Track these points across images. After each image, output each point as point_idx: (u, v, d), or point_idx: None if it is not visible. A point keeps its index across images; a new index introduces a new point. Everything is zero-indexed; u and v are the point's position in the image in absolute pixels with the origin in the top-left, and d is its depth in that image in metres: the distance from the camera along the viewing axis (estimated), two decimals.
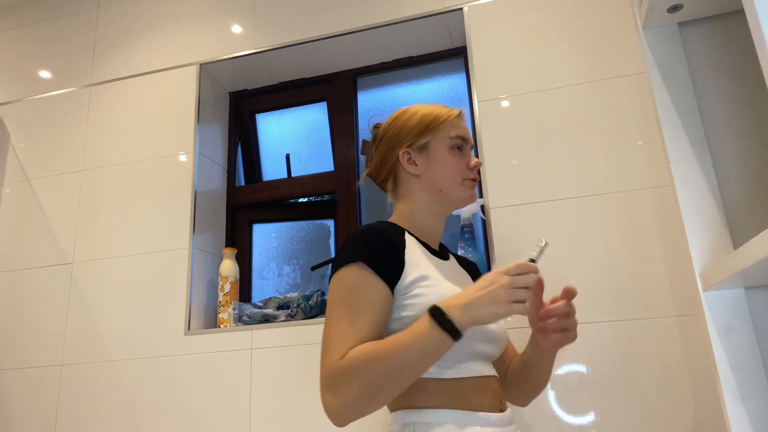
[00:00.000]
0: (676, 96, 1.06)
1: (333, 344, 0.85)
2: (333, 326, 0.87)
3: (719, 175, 1.02)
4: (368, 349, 0.83)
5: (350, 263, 0.90)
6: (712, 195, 1.00)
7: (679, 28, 1.11)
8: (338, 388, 0.82)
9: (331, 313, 0.89)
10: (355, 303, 0.88)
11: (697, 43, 1.09)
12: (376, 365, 0.81)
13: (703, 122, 1.04)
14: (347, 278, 0.90)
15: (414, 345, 0.81)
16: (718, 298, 0.95)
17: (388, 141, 1.07)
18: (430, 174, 1.04)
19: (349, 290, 0.89)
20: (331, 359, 0.84)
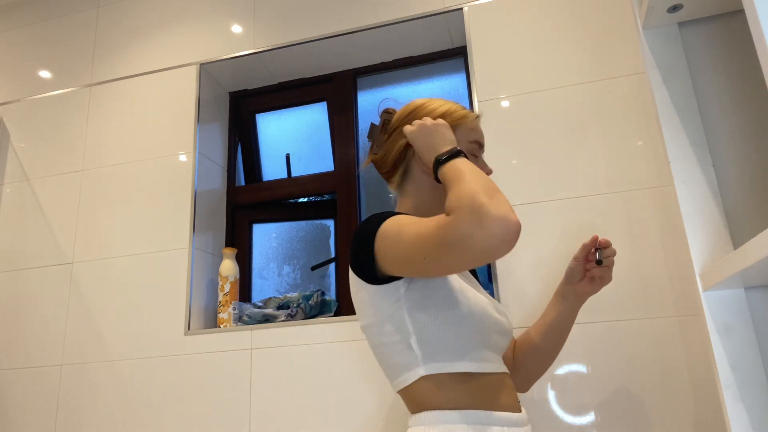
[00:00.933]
0: (676, 96, 1.06)
1: (428, 226, 0.80)
2: (415, 233, 0.82)
3: (719, 175, 1.02)
4: (454, 193, 0.81)
5: (380, 225, 0.87)
6: (712, 195, 1.00)
7: (679, 28, 1.10)
8: (481, 211, 0.74)
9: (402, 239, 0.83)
10: (412, 220, 0.85)
11: (697, 43, 1.09)
12: (472, 183, 0.80)
13: (703, 122, 1.04)
14: (389, 225, 0.87)
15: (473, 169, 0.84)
16: (718, 298, 0.95)
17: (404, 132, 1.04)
18: None
19: (402, 222, 0.86)
20: (441, 220, 0.78)
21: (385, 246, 0.86)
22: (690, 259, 0.99)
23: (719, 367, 0.90)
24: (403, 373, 0.91)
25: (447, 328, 0.89)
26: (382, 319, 0.92)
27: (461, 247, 0.75)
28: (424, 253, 0.80)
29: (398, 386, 0.93)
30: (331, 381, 1.54)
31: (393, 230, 0.86)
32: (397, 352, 0.91)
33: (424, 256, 0.80)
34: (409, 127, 0.98)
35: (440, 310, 0.89)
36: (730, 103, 1.04)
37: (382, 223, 0.88)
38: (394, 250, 0.85)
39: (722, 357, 0.91)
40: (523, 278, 1.46)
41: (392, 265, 0.87)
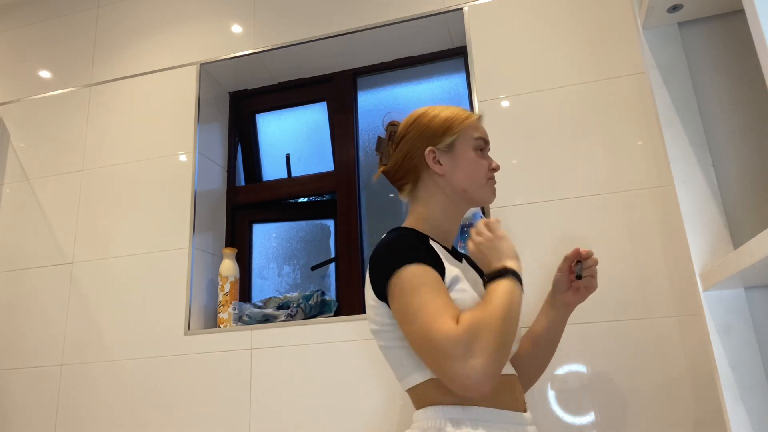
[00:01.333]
0: (676, 96, 1.06)
1: (438, 319, 0.84)
2: (425, 309, 0.86)
3: (719, 175, 1.02)
4: (475, 311, 0.85)
5: (405, 264, 0.91)
6: (712, 195, 1.00)
7: (679, 28, 1.10)
8: (475, 347, 0.81)
9: (413, 305, 0.88)
10: (432, 288, 0.89)
11: (697, 43, 1.09)
12: (494, 317, 0.84)
13: (703, 122, 1.04)
14: (412, 273, 0.90)
15: (513, 299, 0.88)
16: (718, 298, 0.95)
17: (411, 140, 1.06)
18: (455, 174, 1.04)
19: (421, 281, 0.89)
20: (447, 328, 0.83)
21: (396, 292, 0.91)
22: (690, 259, 0.99)
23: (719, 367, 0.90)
24: (411, 373, 0.94)
25: None
26: (390, 325, 0.95)
27: (439, 360, 0.83)
28: (413, 334, 0.87)
29: (406, 385, 0.96)
30: (331, 381, 1.54)
31: (409, 285, 0.89)
32: (406, 355, 0.94)
33: (411, 333, 0.88)
34: (471, 244, 1.00)
35: None
36: (730, 103, 1.04)
37: (406, 264, 0.91)
38: (400, 304, 0.90)
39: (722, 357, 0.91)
40: (523, 278, 1.45)
41: (394, 309, 0.92)
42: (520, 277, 0.92)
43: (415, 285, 0.89)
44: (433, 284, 0.89)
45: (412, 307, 0.88)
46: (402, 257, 0.92)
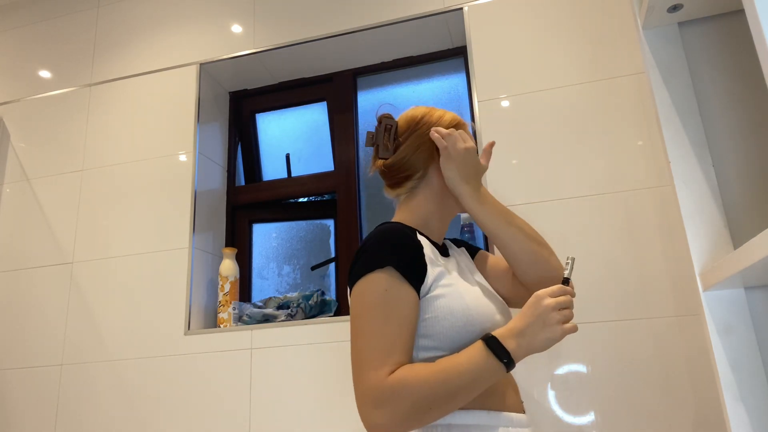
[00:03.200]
0: (676, 96, 1.06)
1: (374, 358, 0.82)
2: (368, 338, 0.83)
3: (719, 175, 1.02)
4: (420, 370, 0.81)
5: (377, 269, 0.87)
6: (712, 195, 1.00)
7: (679, 28, 1.10)
8: (389, 406, 0.79)
9: (362, 322, 0.85)
10: (389, 313, 0.84)
11: (697, 43, 1.09)
12: (430, 388, 0.80)
13: (703, 122, 1.04)
14: (376, 285, 0.86)
15: (468, 372, 0.81)
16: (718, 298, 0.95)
17: (424, 135, 1.04)
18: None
19: (381, 299, 0.85)
20: (377, 374, 0.80)
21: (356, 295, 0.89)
22: (690, 259, 0.99)
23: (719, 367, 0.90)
24: None
25: (441, 330, 0.88)
26: None
27: (358, 400, 0.82)
28: (353, 353, 0.85)
29: None
30: (331, 381, 1.54)
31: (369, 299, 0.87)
32: None
33: (352, 350, 0.86)
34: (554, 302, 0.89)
35: (441, 318, 0.88)
36: (730, 103, 1.04)
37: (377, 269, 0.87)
38: (353, 309, 0.89)
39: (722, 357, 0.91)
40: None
41: (350, 303, 0.91)
42: (507, 359, 0.82)
43: (374, 301, 0.85)
44: (393, 307, 0.85)
45: (359, 326, 0.85)
46: (373, 259, 0.88)
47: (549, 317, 0.82)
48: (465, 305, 0.89)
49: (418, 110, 1.09)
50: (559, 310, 0.83)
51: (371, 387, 0.80)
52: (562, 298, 0.84)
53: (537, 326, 0.82)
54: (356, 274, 0.90)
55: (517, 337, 0.83)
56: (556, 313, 0.83)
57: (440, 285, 0.90)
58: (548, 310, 0.83)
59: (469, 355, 0.83)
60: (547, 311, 0.83)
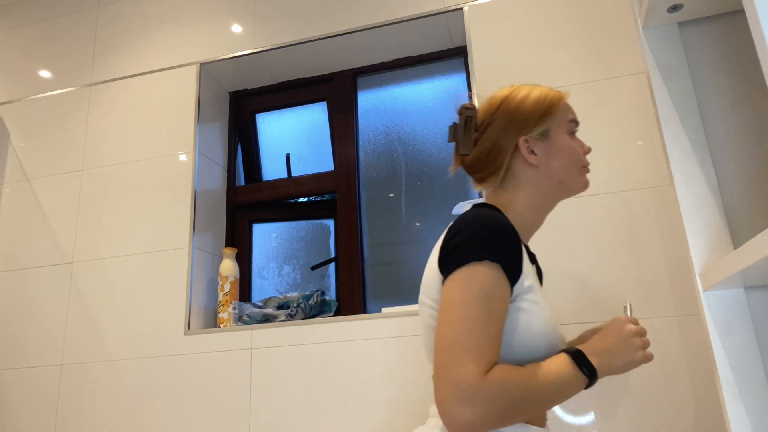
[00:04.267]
0: (676, 96, 1.06)
1: (472, 352, 0.77)
2: (468, 330, 0.78)
3: (719, 175, 1.02)
4: (517, 373, 0.79)
5: (486, 260, 0.81)
6: (712, 195, 1.00)
7: (679, 28, 1.10)
8: (483, 406, 0.75)
9: (464, 312, 0.79)
10: (490, 310, 0.80)
11: (697, 43, 1.09)
12: (524, 392, 0.78)
13: (703, 122, 1.04)
14: (485, 278, 0.80)
15: (558, 382, 0.80)
16: (718, 298, 0.95)
17: (499, 127, 0.96)
18: (550, 164, 0.95)
19: (485, 293, 0.80)
20: (472, 371, 0.76)
21: (456, 282, 0.82)
22: (690, 259, 0.99)
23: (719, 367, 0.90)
24: None
25: (511, 342, 0.85)
26: None
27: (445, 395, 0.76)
28: (442, 342, 0.79)
29: None
30: (331, 381, 1.54)
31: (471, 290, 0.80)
32: None
33: (441, 339, 0.79)
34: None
35: (516, 332, 0.85)
36: (730, 103, 1.04)
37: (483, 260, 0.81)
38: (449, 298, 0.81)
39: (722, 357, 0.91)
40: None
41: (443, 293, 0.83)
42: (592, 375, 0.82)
43: (476, 294, 0.80)
44: (495, 305, 0.80)
45: (460, 315, 0.79)
46: (484, 249, 0.82)
47: (632, 341, 0.84)
48: (543, 329, 0.86)
49: (497, 97, 0.99)
50: (642, 337, 0.85)
51: (465, 382, 0.75)
52: (641, 327, 0.86)
53: (620, 348, 0.84)
54: (463, 258, 0.82)
55: (600, 355, 0.83)
56: (638, 339, 0.84)
57: (526, 299, 0.86)
58: (631, 334, 0.84)
59: (558, 364, 0.81)
60: (630, 335, 0.84)
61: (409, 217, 1.90)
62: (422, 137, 1.97)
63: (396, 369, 1.49)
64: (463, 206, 1.47)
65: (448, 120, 1.95)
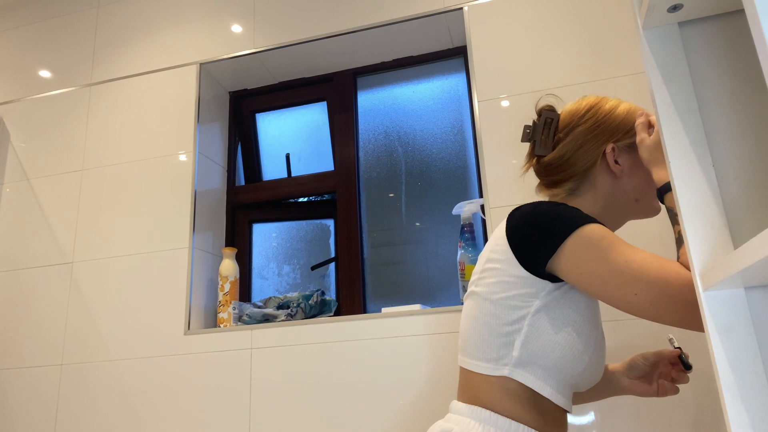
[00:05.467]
0: (676, 96, 1.06)
1: (660, 270, 0.75)
2: (633, 262, 0.77)
3: (719, 175, 1.01)
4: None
5: (583, 225, 0.81)
6: (712, 195, 1.00)
7: (679, 28, 1.10)
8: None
9: (618, 258, 0.77)
10: (623, 242, 0.79)
11: (697, 43, 1.09)
12: None
13: (703, 122, 1.04)
14: (597, 232, 0.80)
15: None
16: (718, 298, 0.95)
17: (587, 132, 0.94)
18: (632, 178, 0.93)
19: (613, 238, 0.80)
20: (683, 278, 0.74)
21: (584, 250, 0.80)
22: (690, 258, 0.98)
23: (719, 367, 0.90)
24: (488, 360, 0.86)
25: (558, 350, 0.84)
26: (504, 302, 0.86)
27: (694, 312, 0.73)
28: (639, 290, 0.76)
29: (472, 367, 0.88)
30: (330, 381, 1.54)
31: (602, 242, 0.79)
32: (496, 339, 0.85)
33: (636, 293, 0.76)
34: (643, 120, 0.89)
35: (563, 332, 0.84)
36: (730, 103, 1.04)
37: (585, 223, 0.81)
38: (596, 263, 0.79)
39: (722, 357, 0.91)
40: None
41: (579, 273, 0.81)
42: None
43: (608, 242, 0.78)
44: (624, 241, 0.79)
45: (618, 265, 0.77)
46: (576, 220, 0.81)
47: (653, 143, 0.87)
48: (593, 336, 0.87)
49: (585, 101, 0.99)
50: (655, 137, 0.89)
51: (687, 281, 0.74)
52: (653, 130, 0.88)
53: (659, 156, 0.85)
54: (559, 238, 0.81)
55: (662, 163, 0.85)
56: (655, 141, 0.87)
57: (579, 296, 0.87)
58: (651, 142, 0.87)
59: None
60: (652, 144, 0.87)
61: (409, 217, 1.90)
62: (422, 137, 1.97)
63: (396, 369, 1.49)
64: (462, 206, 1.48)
65: (448, 120, 1.95)
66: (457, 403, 0.89)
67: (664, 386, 1.00)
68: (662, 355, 1.01)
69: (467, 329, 0.91)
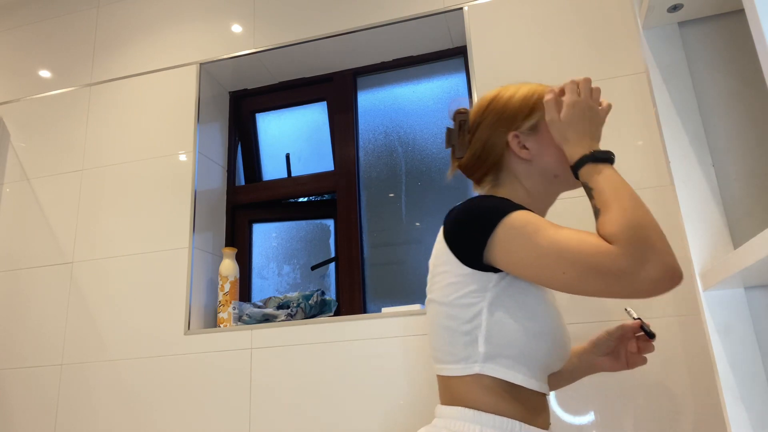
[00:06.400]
0: (676, 96, 1.06)
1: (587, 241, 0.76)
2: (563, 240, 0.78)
3: (719, 175, 1.02)
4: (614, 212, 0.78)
5: (509, 213, 0.82)
6: (712, 195, 1.00)
7: (679, 28, 1.10)
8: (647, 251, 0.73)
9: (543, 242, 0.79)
10: (548, 224, 0.81)
11: (697, 43, 1.09)
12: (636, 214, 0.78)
13: (703, 122, 1.04)
14: (522, 219, 0.81)
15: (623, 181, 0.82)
16: (718, 298, 0.95)
17: (489, 126, 0.96)
18: (544, 158, 0.94)
19: (539, 223, 0.81)
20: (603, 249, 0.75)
21: (511, 239, 0.81)
22: (690, 259, 0.99)
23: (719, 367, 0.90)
24: (457, 362, 0.87)
25: (520, 336, 0.85)
26: (458, 303, 0.87)
27: (617, 280, 0.75)
28: (566, 268, 0.77)
29: (445, 372, 0.89)
30: (331, 381, 1.54)
31: (527, 228, 0.80)
32: (459, 341, 0.87)
33: (564, 271, 0.78)
34: (551, 99, 0.90)
35: (521, 318, 0.85)
36: (730, 103, 1.04)
37: (510, 212, 0.82)
38: (524, 250, 0.80)
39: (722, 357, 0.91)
40: None
41: (510, 261, 0.82)
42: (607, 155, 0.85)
43: (533, 226, 0.80)
44: (549, 223, 0.80)
45: (544, 246, 0.79)
46: (501, 209, 0.82)
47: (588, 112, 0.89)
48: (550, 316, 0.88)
49: (486, 97, 1.00)
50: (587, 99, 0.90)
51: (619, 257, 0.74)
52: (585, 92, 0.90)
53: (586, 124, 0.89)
54: (486, 229, 0.83)
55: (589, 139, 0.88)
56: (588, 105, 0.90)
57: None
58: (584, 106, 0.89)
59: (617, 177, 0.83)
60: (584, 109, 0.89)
61: (409, 217, 1.90)
62: (422, 137, 1.97)
63: (396, 369, 1.49)
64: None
65: (448, 120, 1.95)
66: (440, 406, 0.90)
67: (633, 358, 1.01)
68: (625, 328, 1.02)
69: (432, 336, 0.92)
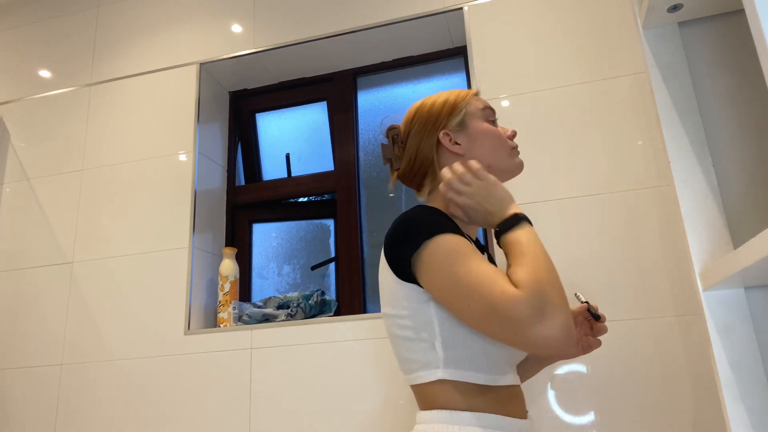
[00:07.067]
0: (676, 96, 1.06)
1: (496, 285, 0.78)
2: (476, 277, 0.80)
3: (719, 175, 1.02)
4: (524, 267, 0.80)
5: (435, 235, 0.84)
6: (712, 195, 1.00)
7: (679, 28, 1.10)
8: (546, 307, 0.76)
9: (459, 273, 0.81)
10: (472, 256, 0.82)
11: (697, 42, 1.09)
12: (547, 269, 0.80)
13: (703, 122, 1.04)
14: (445, 244, 0.84)
15: (540, 245, 0.84)
16: (718, 298, 0.95)
17: (418, 132, 1.01)
18: (475, 150, 0.98)
19: (459, 251, 0.83)
20: (512, 294, 0.77)
21: (433, 263, 0.84)
22: (690, 259, 0.99)
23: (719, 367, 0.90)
24: (420, 369, 0.89)
25: (475, 337, 0.86)
26: (408, 313, 0.89)
27: (514, 328, 0.77)
28: (471, 303, 0.80)
29: (412, 381, 0.91)
30: (331, 381, 1.54)
31: (450, 255, 0.83)
32: (418, 348, 0.89)
33: (469, 305, 0.80)
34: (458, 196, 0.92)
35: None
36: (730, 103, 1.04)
37: (439, 234, 0.84)
38: (441, 276, 0.83)
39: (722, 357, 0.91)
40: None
41: (428, 282, 0.85)
42: (531, 223, 0.88)
43: (455, 254, 0.82)
44: (473, 253, 0.83)
45: (458, 277, 0.81)
46: (430, 228, 0.85)
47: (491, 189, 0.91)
48: None
49: (411, 109, 1.05)
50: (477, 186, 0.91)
51: (520, 304, 0.76)
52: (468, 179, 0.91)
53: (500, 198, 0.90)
54: (412, 248, 0.85)
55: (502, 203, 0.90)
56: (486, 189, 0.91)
57: None
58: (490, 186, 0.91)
59: (528, 236, 0.85)
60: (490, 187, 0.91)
61: None
62: None
63: (396, 369, 1.49)
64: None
65: None
66: (419, 412, 0.91)
67: (588, 341, 1.04)
68: (574, 313, 1.03)
69: (393, 348, 0.94)
